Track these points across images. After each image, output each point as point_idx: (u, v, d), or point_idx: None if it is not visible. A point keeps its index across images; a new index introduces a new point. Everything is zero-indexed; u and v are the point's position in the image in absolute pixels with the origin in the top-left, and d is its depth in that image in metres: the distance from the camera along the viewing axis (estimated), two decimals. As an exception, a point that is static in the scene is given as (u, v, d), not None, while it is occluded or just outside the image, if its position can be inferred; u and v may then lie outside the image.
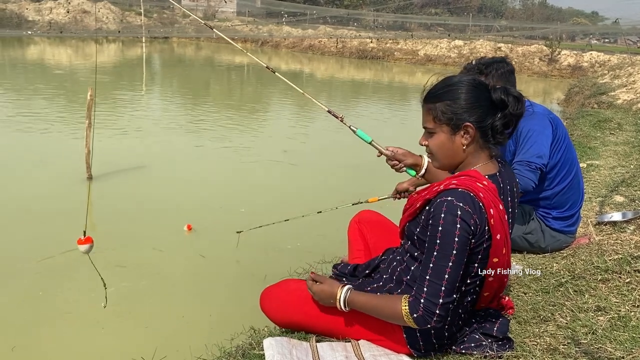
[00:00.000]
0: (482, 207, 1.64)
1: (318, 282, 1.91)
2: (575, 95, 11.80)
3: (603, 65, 20.11)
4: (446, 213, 1.61)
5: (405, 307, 1.67)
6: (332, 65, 23.63)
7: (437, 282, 1.62)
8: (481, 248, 1.69)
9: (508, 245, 1.76)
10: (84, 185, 5.17)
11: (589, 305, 2.14)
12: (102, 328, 2.90)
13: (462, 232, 1.60)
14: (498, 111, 1.73)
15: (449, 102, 1.73)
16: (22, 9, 31.88)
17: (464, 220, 1.60)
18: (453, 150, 1.77)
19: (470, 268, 1.72)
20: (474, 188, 1.65)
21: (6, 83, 12.69)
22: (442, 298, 1.62)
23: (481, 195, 1.64)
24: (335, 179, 5.64)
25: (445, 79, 1.80)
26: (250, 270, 3.56)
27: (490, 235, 1.68)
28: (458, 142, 1.75)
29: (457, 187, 1.65)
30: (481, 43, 25.67)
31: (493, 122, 1.73)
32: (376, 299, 1.80)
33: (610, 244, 2.70)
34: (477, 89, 1.73)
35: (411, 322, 1.67)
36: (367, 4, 51.56)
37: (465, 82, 1.74)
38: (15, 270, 3.53)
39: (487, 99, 1.73)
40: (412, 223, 1.80)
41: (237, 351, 2.04)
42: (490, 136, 1.75)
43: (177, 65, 21.26)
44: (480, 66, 2.71)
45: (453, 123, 1.73)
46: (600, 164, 4.94)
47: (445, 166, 1.84)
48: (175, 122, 9.07)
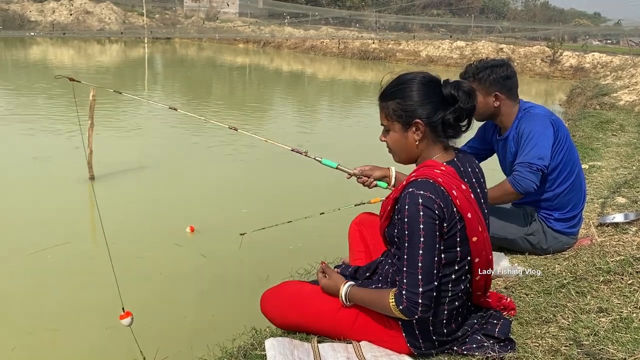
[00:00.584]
0: (445, 191, 1.69)
1: (327, 275, 1.98)
2: (577, 97, 11.77)
3: (605, 66, 20.09)
4: (409, 204, 1.68)
5: (392, 301, 1.72)
6: (333, 66, 23.64)
7: (413, 272, 1.67)
8: (456, 230, 1.72)
9: (483, 224, 1.81)
10: (86, 186, 5.18)
11: (591, 307, 2.14)
12: (105, 329, 2.90)
13: (427, 219, 1.66)
14: (449, 106, 1.76)
15: (399, 100, 1.79)
16: (25, 10, 31.94)
17: (426, 206, 1.66)
18: (407, 145, 1.83)
19: (453, 253, 1.75)
20: (433, 175, 1.71)
21: (9, 84, 12.72)
22: (421, 287, 1.66)
23: (440, 180, 1.70)
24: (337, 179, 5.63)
25: (398, 77, 1.85)
26: (252, 270, 3.56)
27: (461, 216, 1.72)
28: (410, 137, 1.81)
29: (417, 178, 1.72)
30: (483, 44, 25.66)
31: (444, 117, 1.77)
32: (371, 294, 1.86)
33: (612, 245, 2.70)
34: (426, 86, 1.78)
35: (399, 314, 1.71)
36: (369, 5, 51.59)
37: (415, 80, 1.79)
38: (17, 269, 3.54)
39: (438, 94, 1.77)
40: (389, 227, 1.84)
41: (239, 351, 2.04)
42: (441, 130, 1.80)
43: (179, 65, 21.28)
44: (474, 70, 2.72)
45: (404, 120, 1.80)
46: (603, 165, 4.93)
47: (403, 161, 1.91)
48: (176, 122, 9.08)
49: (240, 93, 14.81)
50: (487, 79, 2.70)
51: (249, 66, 22.58)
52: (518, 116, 2.75)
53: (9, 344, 2.75)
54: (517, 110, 2.77)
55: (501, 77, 2.69)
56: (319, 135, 8.68)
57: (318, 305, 1.98)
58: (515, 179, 2.56)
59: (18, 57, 19.26)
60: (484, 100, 2.74)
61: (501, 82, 2.70)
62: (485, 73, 2.69)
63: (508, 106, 2.76)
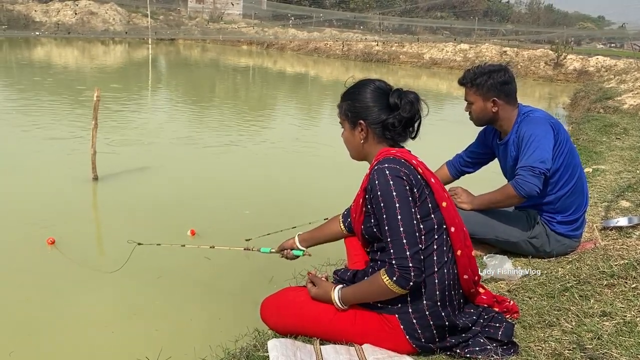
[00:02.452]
0: (405, 161, 1.85)
1: (316, 285, 2.02)
2: (581, 100, 11.75)
3: (609, 69, 20.05)
4: (379, 179, 1.81)
5: (385, 277, 1.77)
6: (337, 68, 23.66)
7: (397, 239, 1.76)
8: (425, 196, 1.85)
9: (448, 194, 1.96)
10: (90, 186, 5.19)
11: (595, 311, 2.13)
12: (111, 332, 2.89)
13: (397, 186, 1.79)
14: (392, 112, 1.92)
15: (349, 102, 1.99)
16: (30, 10, 32.10)
17: (394, 175, 1.80)
18: (355, 143, 2.01)
19: (430, 221, 1.85)
20: (390, 154, 1.89)
21: (13, 84, 12.78)
22: (408, 250, 1.74)
23: (398, 155, 1.87)
24: (343, 187, 5.65)
25: (357, 82, 2.04)
26: (255, 272, 3.56)
27: (426, 182, 1.87)
28: (357, 136, 1.99)
29: (377, 160, 1.88)
30: (487, 47, 25.63)
31: (385, 120, 1.92)
32: (362, 284, 1.91)
33: (616, 249, 2.69)
34: (375, 92, 1.95)
35: (395, 288, 1.76)
36: (373, 7, 51.63)
37: (367, 87, 1.97)
38: (18, 270, 3.55)
39: (385, 101, 1.93)
40: (365, 219, 1.93)
41: (242, 353, 2.04)
42: (381, 132, 1.95)
43: (183, 66, 21.33)
44: (472, 76, 2.75)
45: (350, 119, 1.99)
46: (606, 169, 4.92)
47: (354, 157, 2.08)
48: (180, 123, 9.11)
49: (243, 94, 14.84)
50: (484, 85, 2.72)
51: (252, 68, 22.62)
52: (517, 120, 2.76)
53: (9, 346, 2.72)
54: (516, 115, 2.77)
55: (499, 82, 2.71)
56: (323, 139, 8.68)
57: (316, 310, 1.99)
58: (517, 182, 2.56)
59: (22, 57, 19.33)
60: (483, 106, 2.76)
61: (499, 88, 2.71)
62: (483, 79, 2.71)
63: (507, 111, 2.76)
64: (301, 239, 2.42)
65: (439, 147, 4.14)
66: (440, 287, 1.84)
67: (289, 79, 19.20)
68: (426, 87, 17.87)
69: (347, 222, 2.29)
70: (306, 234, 2.43)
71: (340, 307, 1.93)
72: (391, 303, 1.85)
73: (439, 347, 1.89)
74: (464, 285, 1.96)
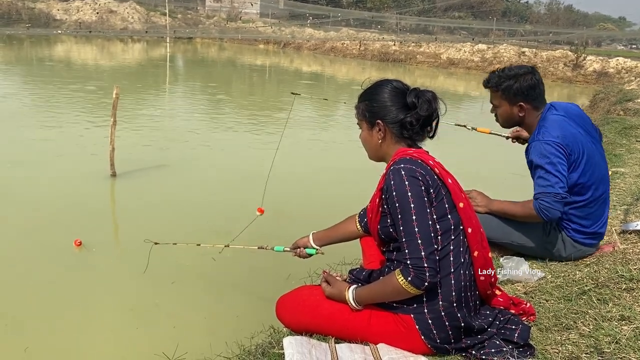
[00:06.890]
0: (423, 162, 1.85)
1: (331, 284, 2.02)
2: (601, 102, 11.60)
3: (630, 71, 19.78)
4: (394, 179, 1.81)
5: (400, 277, 1.77)
6: (353, 67, 23.62)
7: (412, 239, 1.76)
8: (442, 196, 1.84)
9: (465, 195, 1.95)
10: (108, 183, 5.26)
11: (613, 314, 2.11)
12: (135, 328, 2.93)
13: (413, 187, 1.78)
14: (410, 111, 1.92)
15: (367, 102, 2.00)
16: (51, 8, 32.54)
17: (410, 176, 1.79)
18: (373, 143, 2.01)
19: (446, 221, 1.84)
20: (407, 154, 1.88)
21: (33, 80, 12.96)
22: (423, 250, 1.74)
23: (415, 155, 1.87)
24: (357, 181, 5.64)
25: (374, 82, 2.04)
26: (272, 269, 3.58)
27: (443, 182, 1.86)
28: (375, 136, 1.99)
29: (394, 161, 1.89)
30: (505, 47, 25.41)
31: (403, 119, 1.92)
32: (377, 284, 1.90)
33: (635, 252, 2.66)
34: (392, 92, 1.96)
35: (410, 288, 1.76)
36: (390, 6, 51.46)
37: (384, 87, 1.98)
38: (37, 267, 3.60)
39: (402, 101, 1.94)
40: (382, 220, 1.92)
41: (257, 349, 2.05)
42: (399, 131, 1.95)
43: (200, 65, 21.45)
44: (497, 80, 2.68)
45: (368, 119, 2.00)
46: (626, 172, 4.86)
47: (372, 157, 2.09)
48: (197, 121, 9.17)
49: (259, 92, 14.88)
50: (511, 89, 2.65)
51: (269, 67, 22.67)
52: (538, 124, 2.70)
53: (24, 343, 2.76)
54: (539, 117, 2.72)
55: (525, 86, 2.64)
56: (341, 138, 8.68)
57: (332, 309, 1.99)
58: (541, 207, 2.51)
59: (43, 55, 19.60)
60: (509, 110, 2.70)
61: (526, 93, 2.64)
62: (509, 83, 2.64)
63: (533, 116, 2.71)
64: (315, 238, 2.42)
65: (457, 149, 4.12)
66: (457, 288, 1.83)
67: (306, 77, 19.16)
68: (443, 87, 17.77)
69: (363, 222, 2.29)
70: (321, 233, 2.43)
71: (355, 307, 1.93)
72: (407, 303, 1.85)
73: (454, 348, 1.88)
74: (481, 287, 1.95)
